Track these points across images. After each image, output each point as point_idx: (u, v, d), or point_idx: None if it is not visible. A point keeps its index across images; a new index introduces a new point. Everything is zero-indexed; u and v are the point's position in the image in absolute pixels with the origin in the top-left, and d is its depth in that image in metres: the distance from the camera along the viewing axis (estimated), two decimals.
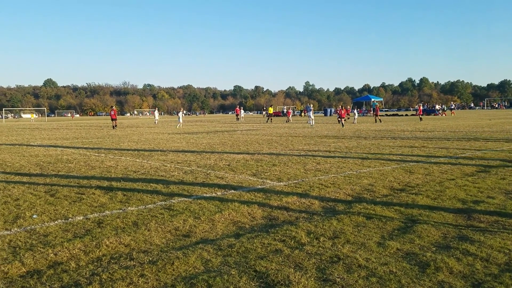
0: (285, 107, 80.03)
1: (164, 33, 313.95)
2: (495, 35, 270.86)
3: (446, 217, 5.46)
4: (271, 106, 56.78)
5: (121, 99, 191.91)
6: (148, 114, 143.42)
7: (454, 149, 13.51)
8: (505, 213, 5.57)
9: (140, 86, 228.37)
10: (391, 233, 4.80)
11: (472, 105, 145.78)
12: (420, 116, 42.55)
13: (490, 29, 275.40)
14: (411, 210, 5.78)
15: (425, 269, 3.76)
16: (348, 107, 61.44)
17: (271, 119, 48.33)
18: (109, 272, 3.77)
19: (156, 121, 48.56)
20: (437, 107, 73.91)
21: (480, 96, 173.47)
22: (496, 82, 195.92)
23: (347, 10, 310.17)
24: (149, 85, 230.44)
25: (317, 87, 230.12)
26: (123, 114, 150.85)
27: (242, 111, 56.79)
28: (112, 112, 35.21)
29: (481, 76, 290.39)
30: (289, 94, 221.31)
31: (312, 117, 35.95)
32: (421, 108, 45.11)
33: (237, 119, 54.69)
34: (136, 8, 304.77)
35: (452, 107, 79.90)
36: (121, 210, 6.00)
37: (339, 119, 38.30)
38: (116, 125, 34.78)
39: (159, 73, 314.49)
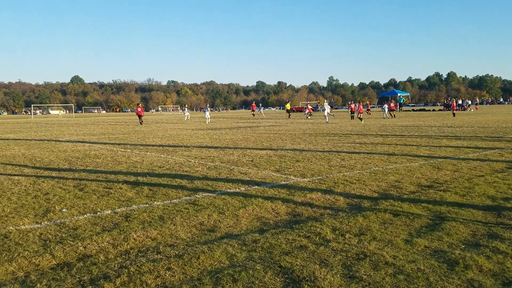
0: (307, 103, 79.55)
1: (188, 30, 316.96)
2: None
3: (475, 214, 5.34)
4: (288, 102, 57.07)
5: (146, 96, 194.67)
6: (171, 110, 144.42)
7: (483, 145, 13.17)
8: None
9: (164, 83, 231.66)
10: (419, 231, 4.72)
11: (502, 100, 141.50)
12: (454, 112, 41.54)
13: None
14: (439, 207, 5.67)
15: (454, 267, 3.69)
16: (367, 102, 60.44)
17: (290, 115, 49.40)
18: (137, 265, 3.84)
19: (187, 117, 49.16)
20: (459, 102, 72.52)
21: (509, 91, 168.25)
22: None
23: (372, 5, 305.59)
24: (173, 81, 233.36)
25: (341, 82, 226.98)
26: (147, 111, 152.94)
27: (262, 107, 57.15)
28: (139, 109, 36.21)
29: (511, 70, 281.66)
30: (313, 89, 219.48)
31: (330, 113, 35.43)
32: (454, 103, 44.04)
33: (253, 115, 55.67)
34: (160, 6, 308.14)
35: (477, 102, 78.76)
36: (147, 205, 6.09)
37: (352, 115, 38.31)
38: (142, 121, 35.68)
39: (183, 69, 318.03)
